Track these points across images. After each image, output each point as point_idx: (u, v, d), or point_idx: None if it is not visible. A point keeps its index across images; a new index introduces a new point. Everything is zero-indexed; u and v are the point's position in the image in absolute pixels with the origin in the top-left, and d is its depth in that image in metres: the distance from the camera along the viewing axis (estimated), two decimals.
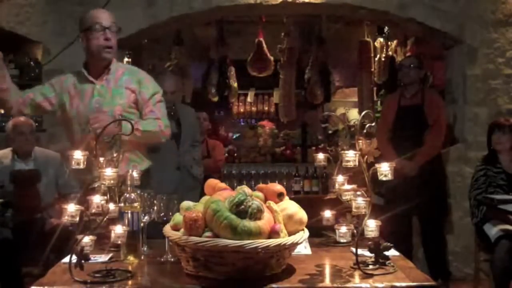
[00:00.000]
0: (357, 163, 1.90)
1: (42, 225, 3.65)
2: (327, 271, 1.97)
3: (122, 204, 2.08)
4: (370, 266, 1.92)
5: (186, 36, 6.47)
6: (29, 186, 3.65)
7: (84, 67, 2.77)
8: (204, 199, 1.98)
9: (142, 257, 2.10)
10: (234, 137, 6.87)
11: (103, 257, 2.08)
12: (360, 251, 1.89)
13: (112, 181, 1.87)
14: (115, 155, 2.06)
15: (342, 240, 2.14)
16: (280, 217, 1.86)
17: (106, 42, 2.66)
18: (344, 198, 2.08)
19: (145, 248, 2.20)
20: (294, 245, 1.84)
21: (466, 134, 4.47)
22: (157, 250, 2.17)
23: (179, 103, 4.37)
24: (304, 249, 2.21)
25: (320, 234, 2.40)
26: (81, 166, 1.88)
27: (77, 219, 1.79)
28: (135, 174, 2.28)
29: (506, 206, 3.36)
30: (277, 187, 2.01)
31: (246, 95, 7.43)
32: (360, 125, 1.94)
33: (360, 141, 1.92)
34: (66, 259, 1.89)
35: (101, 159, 1.95)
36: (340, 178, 2.10)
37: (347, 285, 1.77)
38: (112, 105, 2.67)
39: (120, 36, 4.45)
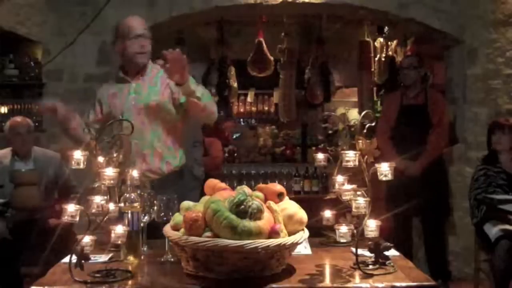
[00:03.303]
0: (357, 163, 1.90)
1: (42, 225, 3.65)
2: (327, 271, 1.97)
3: (122, 204, 2.09)
4: (370, 266, 1.92)
5: (187, 36, 6.46)
6: (29, 186, 3.65)
7: (120, 69, 2.91)
8: (204, 199, 1.98)
9: (142, 257, 2.10)
10: (234, 137, 6.86)
11: (103, 257, 2.08)
12: (360, 251, 1.89)
13: (112, 181, 1.87)
14: (115, 155, 2.06)
15: (342, 240, 2.14)
16: (280, 217, 1.86)
17: (140, 49, 2.77)
18: (344, 198, 2.08)
19: (145, 248, 2.20)
20: (294, 245, 1.84)
21: (466, 134, 4.47)
22: (157, 250, 2.17)
23: None
24: (304, 249, 2.21)
25: (320, 234, 2.40)
26: (81, 166, 1.88)
27: (77, 219, 1.79)
28: (135, 174, 2.28)
29: (506, 206, 3.36)
30: (277, 187, 2.01)
31: (246, 95, 7.42)
32: (360, 125, 1.94)
33: (360, 141, 1.92)
34: (66, 259, 1.89)
35: (101, 159, 1.95)
36: (340, 178, 2.10)
37: (347, 285, 1.77)
38: (147, 101, 2.76)
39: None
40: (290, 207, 1.94)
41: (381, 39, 6.43)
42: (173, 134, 2.82)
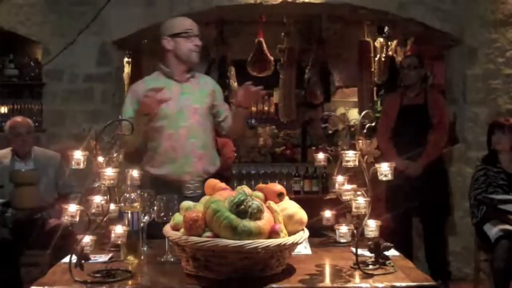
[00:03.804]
0: (357, 163, 1.90)
1: (42, 225, 3.65)
2: (327, 271, 1.97)
3: (122, 204, 2.09)
4: (370, 266, 1.92)
5: None
6: (29, 186, 3.64)
7: (168, 69, 2.88)
8: (204, 199, 1.98)
9: (142, 257, 2.10)
10: None
11: (103, 257, 2.08)
12: (360, 251, 1.89)
13: (112, 181, 1.87)
14: (115, 155, 2.06)
15: (342, 240, 2.14)
16: (280, 217, 1.86)
17: (196, 48, 2.81)
18: (344, 198, 2.08)
19: (145, 248, 2.20)
20: (294, 245, 1.84)
21: (466, 134, 4.47)
22: (157, 250, 2.17)
23: None
24: (304, 249, 2.21)
25: (320, 234, 2.40)
26: (81, 166, 1.88)
27: (77, 219, 1.79)
28: (135, 174, 2.28)
29: (506, 206, 3.36)
30: (277, 187, 2.01)
31: None
32: (360, 125, 1.94)
33: (360, 141, 1.92)
34: (66, 259, 1.89)
35: (101, 158, 1.95)
36: (340, 178, 2.10)
37: (347, 285, 1.77)
38: (201, 103, 2.83)
39: (120, 36, 4.51)
40: (290, 207, 1.94)
41: (381, 39, 6.42)
42: (214, 137, 2.92)
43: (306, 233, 1.92)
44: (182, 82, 2.83)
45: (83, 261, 1.81)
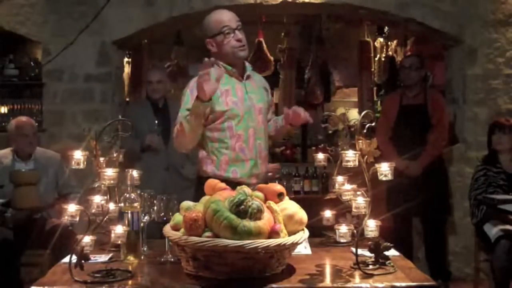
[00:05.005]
0: (357, 163, 1.90)
1: (42, 225, 3.65)
2: (327, 271, 1.97)
3: (122, 204, 2.09)
4: (370, 266, 1.92)
5: (186, 36, 6.46)
6: (29, 186, 3.64)
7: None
8: (204, 199, 1.98)
9: (142, 257, 2.10)
10: None
11: (103, 257, 2.08)
12: (360, 251, 1.89)
13: (112, 181, 1.87)
14: (115, 155, 2.07)
15: (342, 240, 2.14)
16: (280, 217, 1.86)
17: (238, 43, 2.59)
18: (344, 198, 2.08)
19: (145, 248, 2.20)
20: (294, 245, 1.84)
21: (466, 134, 4.47)
22: (157, 250, 2.17)
23: (170, 97, 4.35)
24: (304, 249, 2.21)
25: (320, 234, 2.40)
26: (81, 166, 1.88)
27: (77, 219, 1.79)
28: (135, 174, 2.28)
29: (506, 206, 3.36)
30: (277, 187, 2.01)
31: None
32: (360, 125, 1.94)
33: (360, 141, 1.92)
34: (66, 259, 1.89)
35: (101, 159, 1.95)
36: (340, 178, 2.10)
37: (347, 285, 1.77)
38: (263, 101, 2.68)
39: (120, 36, 4.51)
40: (290, 207, 1.95)
41: (381, 39, 6.42)
42: None
43: (306, 233, 1.93)
44: (242, 80, 2.63)
45: (83, 261, 1.81)
